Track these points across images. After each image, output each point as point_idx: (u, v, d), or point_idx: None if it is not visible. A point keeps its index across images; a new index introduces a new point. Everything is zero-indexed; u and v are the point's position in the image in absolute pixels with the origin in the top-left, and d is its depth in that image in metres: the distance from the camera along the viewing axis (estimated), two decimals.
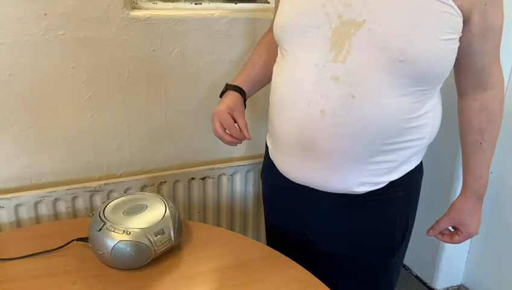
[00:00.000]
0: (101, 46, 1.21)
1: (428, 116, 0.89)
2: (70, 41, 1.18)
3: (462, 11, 0.80)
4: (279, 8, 0.94)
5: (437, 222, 1.03)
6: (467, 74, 0.92)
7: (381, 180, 0.91)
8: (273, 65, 1.00)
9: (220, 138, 0.99)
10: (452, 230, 1.05)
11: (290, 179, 0.97)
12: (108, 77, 1.25)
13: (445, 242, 1.05)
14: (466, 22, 0.82)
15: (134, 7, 1.26)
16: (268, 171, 1.07)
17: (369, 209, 0.95)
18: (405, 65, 0.79)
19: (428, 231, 1.04)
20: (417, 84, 0.83)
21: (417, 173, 0.97)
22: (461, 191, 1.01)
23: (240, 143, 0.99)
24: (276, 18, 0.95)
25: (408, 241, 1.05)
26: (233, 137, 0.97)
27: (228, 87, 1.04)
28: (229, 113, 0.98)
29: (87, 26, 1.18)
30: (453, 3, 0.78)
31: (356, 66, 0.81)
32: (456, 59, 0.85)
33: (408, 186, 0.97)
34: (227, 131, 0.97)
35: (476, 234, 1.03)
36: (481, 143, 0.95)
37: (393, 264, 1.05)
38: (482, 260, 1.77)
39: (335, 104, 0.83)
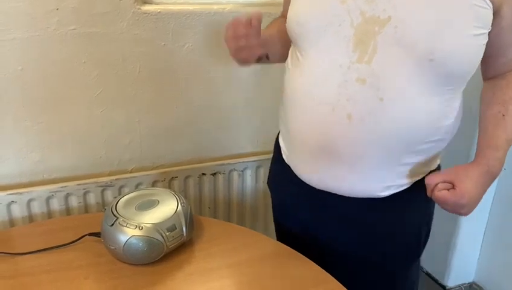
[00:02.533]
0: (112, 41, 1.21)
1: (454, 116, 0.85)
2: (81, 36, 1.18)
3: (492, 3, 0.74)
4: (293, 1, 0.89)
5: (437, 172, 0.90)
6: (495, 65, 0.86)
7: (405, 182, 0.88)
8: (286, 38, 0.93)
9: (228, 44, 0.91)
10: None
11: (309, 184, 0.93)
12: (119, 72, 1.25)
13: (429, 194, 0.85)
14: (496, 14, 0.76)
15: (146, 2, 1.25)
16: (282, 177, 1.02)
17: (393, 212, 0.91)
18: (435, 64, 0.75)
19: (426, 178, 0.87)
20: (446, 83, 0.79)
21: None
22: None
23: (251, 53, 0.90)
24: (290, 13, 0.89)
25: (428, 240, 1.02)
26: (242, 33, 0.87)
27: None
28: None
29: (99, 21, 1.18)
30: None
31: (383, 67, 0.76)
32: (485, 53, 0.79)
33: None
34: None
35: (465, 210, 0.83)
36: (504, 115, 0.85)
37: (416, 267, 1.02)
38: (494, 257, 1.75)
39: (362, 108, 0.78)
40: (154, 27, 1.24)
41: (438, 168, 0.95)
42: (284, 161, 1.00)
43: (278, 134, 1.06)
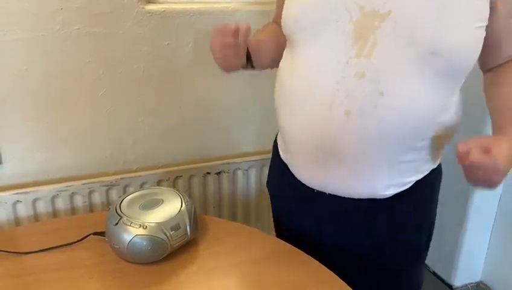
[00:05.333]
0: (116, 40, 1.21)
1: (454, 111, 0.84)
2: (85, 35, 1.18)
3: None
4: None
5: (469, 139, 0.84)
6: (494, 57, 0.85)
7: (408, 181, 0.87)
8: (278, 41, 0.92)
9: (215, 51, 0.90)
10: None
11: (308, 186, 0.91)
12: (124, 72, 1.25)
13: (460, 162, 0.74)
14: (492, 7, 0.76)
15: (149, 1, 1.25)
16: (278, 178, 1.02)
17: (395, 213, 0.90)
18: (436, 57, 0.74)
19: (458, 144, 0.78)
20: (447, 77, 0.78)
21: (439, 171, 0.93)
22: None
23: (236, 60, 0.89)
24: (285, 10, 0.87)
25: (431, 240, 1.01)
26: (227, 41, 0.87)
27: None
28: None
29: (103, 21, 1.18)
30: None
31: (383, 60, 0.75)
32: (483, 44, 0.78)
33: (432, 185, 0.92)
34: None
35: (498, 180, 0.75)
36: None
37: (420, 267, 1.01)
38: (501, 256, 1.73)
39: (361, 104, 0.77)
40: (158, 26, 1.24)
41: (440, 167, 0.94)
42: (282, 162, 0.99)
43: (277, 134, 1.04)
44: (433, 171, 0.90)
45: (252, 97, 1.43)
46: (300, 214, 0.99)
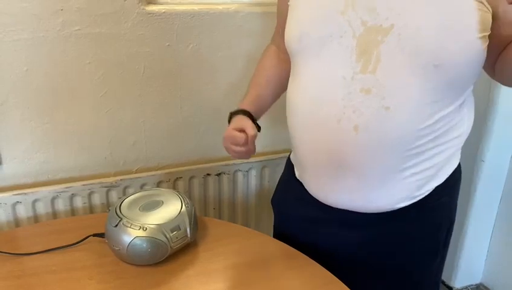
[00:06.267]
0: (117, 41, 1.21)
1: (464, 112, 0.84)
2: (86, 36, 1.18)
3: (491, 6, 0.73)
4: (289, 16, 0.87)
5: None
6: (500, 63, 0.83)
7: (419, 193, 0.86)
8: (277, 81, 0.96)
9: (228, 152, 0.96)
10: None
11: (322, 202, 0.91)
12: (124, 73, 1.25)
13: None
14: (494, 16, 0.75)
15: (150, 2, 1.25)
16: (288, 194, 1.02)
17: (413, 222, 0.90)
18: (440, 69, 0.74)
19: None
20: (453, 87, 0.78)
21: (458, 172, 0.92)
22: None
23: (248, 156, 0.95)
24: (288, 29, 0.88)
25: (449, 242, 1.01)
26: (239, 149, 0.93)
27: (232, 114, 0.99)
28: (236, 129, 0.93)
29: (103, 22, 1.18)
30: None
31: (388, 75, 0.75)
32: (488, 56, 0.78)
33: (451, 188, 0.92)
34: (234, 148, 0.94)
35: None
36: None
37: (436, 269, 1.00)
38: (502, 258, 1.73)
39: (368, 119, 0.77)
40: (159, 27, 1.24)
41: (458, 168, 0.93)
42: (294, 180, 0.99)
43: (290, 152, 1.04)
44: (452, 173, 0.90)
45: None
46: (313, 228, 0.98)
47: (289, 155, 1.06)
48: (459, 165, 0.93)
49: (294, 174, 1.00)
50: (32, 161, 1.24)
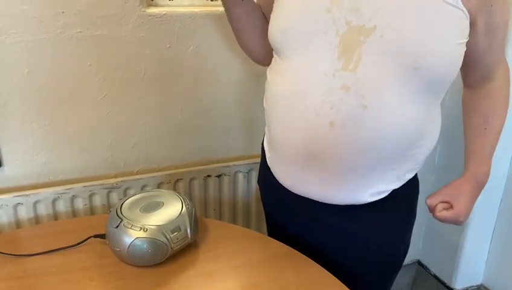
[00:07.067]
0: (118, 43, 1.21)
1: (434, 124, 0.88)
2: (87, 38, 1.18)
3: (469, 14, 0.76)
4: (275, 9, 0.88)
5: (435, 192, 0.97)
6: (473, 70, 0.90)
7: (387, 188, 0.90)
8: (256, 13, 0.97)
9: None
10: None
11: (289, 190, 0.94)
12: (125, 75, 1.25)
13: (434, 216, 0.95)
14: (472, 24, 0.79)
15: (151, 4, 1.26)
16: (266, 178, 1.04)
17: (373, 220, 0.93)
18: (419, 72, 0.76)
19: (426, 199, 0.97)
20: (430, 91, 0.80)
21: (416, 183, 0.96)
22: (462, 174, 0.97)
23: None
24: (272, 21, 0.88)
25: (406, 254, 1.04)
26: None
27: None
28: None
29: (104, 24, 1.18)
30: (463, 7, 0.75)
31: (368, 75, 0.77)
32: (463, 61, 0.82)
33: (409, 197, 0.96)
34: None
35: (462, 222, 0.95)
36: (485, 128, 0.92)
37: (394, 278, 1.04)
38: (502, 259, 1.73)
39: (345, 116, 0.79)
40: (159, 29, 1.25)
41: (417, 179, 0.96)
42: (267, 165, 1.01)
43: (264, 137, 1.06)
44: (411, 180, 0.93)
45: (253, 100, 1.43)
46: (284, 215, 1.02)
47: (263, 140, 1.08)
48: (417, 178, 0.97)
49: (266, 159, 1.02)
50: (33, 163, 1.25)
